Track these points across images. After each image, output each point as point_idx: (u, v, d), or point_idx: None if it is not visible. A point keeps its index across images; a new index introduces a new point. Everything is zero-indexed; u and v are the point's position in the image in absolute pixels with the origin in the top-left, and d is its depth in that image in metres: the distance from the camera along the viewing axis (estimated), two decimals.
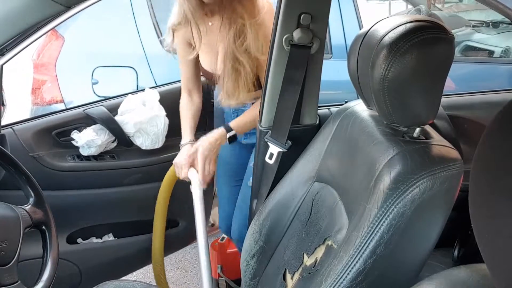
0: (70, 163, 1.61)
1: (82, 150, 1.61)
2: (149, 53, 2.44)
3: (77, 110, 1.65)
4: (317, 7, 1.20)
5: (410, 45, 0.83)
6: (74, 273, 1.65)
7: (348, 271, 0.85)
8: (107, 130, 1.63)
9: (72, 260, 1.64)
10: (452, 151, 0.89)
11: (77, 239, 1.68)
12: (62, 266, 1.23)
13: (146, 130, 1.65)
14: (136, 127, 1.63)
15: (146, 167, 1.71)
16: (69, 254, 1.63)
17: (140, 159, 1.70)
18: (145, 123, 1.64)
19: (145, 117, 1.64)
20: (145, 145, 1.67)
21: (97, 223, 1.70)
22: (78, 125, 1.62)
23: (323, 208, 1.10)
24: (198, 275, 2.33)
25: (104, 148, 1.65)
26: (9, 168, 1.14)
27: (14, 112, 1.65)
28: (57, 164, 1.58)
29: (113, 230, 1.73)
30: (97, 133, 1.61)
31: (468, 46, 2.96)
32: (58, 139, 1.61)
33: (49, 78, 2.36)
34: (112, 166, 1.66)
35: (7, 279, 0.98)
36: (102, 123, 1.62)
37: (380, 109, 0.92)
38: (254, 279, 1.24)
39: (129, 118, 1.63)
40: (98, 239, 1.71)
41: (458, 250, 1.42)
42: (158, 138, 1.67)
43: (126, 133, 1.65)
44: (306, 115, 1.32)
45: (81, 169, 1.62)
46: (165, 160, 1.72)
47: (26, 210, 1.09)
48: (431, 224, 0.86)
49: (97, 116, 1.62)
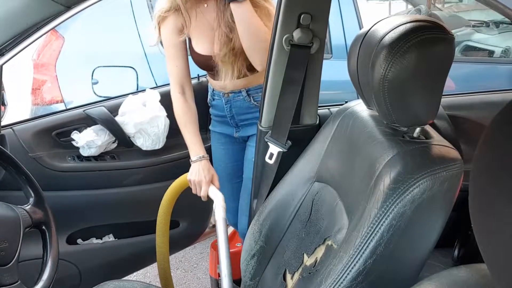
0: (70, 164, 1.61)
1: (82, 150, 1.61)
2: (149, 53, 2.44)
3: (77, 111, 1.65)
4: (317, 7, 1.20)
5: (410, 45, 0.83)
6: (74, 273, 1.65)
7: (348, 271, 0.85)
8: (108, 131, 1.63)
9: (72, 261, 1.64)
10: (452, 151, 0.89)
11: (77, 240, 1.68)
12: (61, 267, 1.23)
13: (147, 130, 1.65)
14: (136, 127, 1.63)
15: (146, 167, 1.71)
16: (69, 254, 1.63)
17: (141, 160, 1.70)
18: (146, 124, 1.63)
19: (145, 117, 1.63)
20: (146, 146, 1.67)
21: (97, 223, 1.69)
22: (78, 125, 1.62)
23: (323, 208, 1.10)
24: (198, 275, 2.33)
25: (104, 148, 1.65)
26: (9, 168, 1.14)
27: (14, 112, 1.65)
28: (57, 164, 1.58)
29: (113, 231, 1.73)
30: (97, 134, 1.61)
31: (468, 46, 2.96)
32: (58, 139, 1.61)
33: (49, 78, 2.36)
34: (112, 166, 1.66)
35: (7, 279, 0.98)
36: (102, 123, 1.62)
37: (380, 109, 0.92)
38: (254, 279, 1.24)
39: (129, 119, 1.63)
40: (98, 240, 1.71)
41: (458, 250, 1.42)
42: (158, 139, 1.67)
43: (126, 133, 1.65)
44: (306, 115, 1.32)
45: (81, 169, 1.62)
46: (165, 161, 1.72)
47: (26, 210, 1.09)
48: (431, 224, 0.86)
49: (98, 117, 1.62)
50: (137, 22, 2.47)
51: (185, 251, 2.47)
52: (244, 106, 1.57)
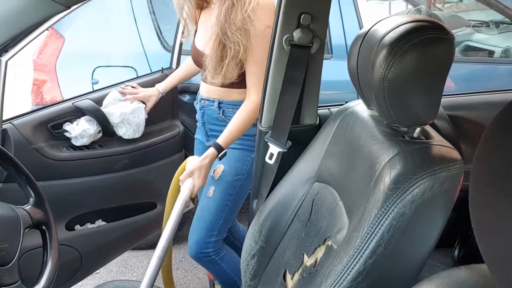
0: (65, 153, 1.71)
1: (75, 140, 1.72)
2: (149, 53, 2.44)
3: (66, 104, 1.76)
4: (317, 7, 1.20)
5: (410, 45, 0.83)
6: (75, 257, 1.75)
7: (348, 271, 0.85)
8: (95, 121, 1.75)
9: (73, 245, 1.74)
10: (452, 151, 0.89)
11: (74, 226, 1.78)
12: (63, 252, 1.29)
13: (129, 120, 1.81)
14: (121, 117, 1.78)
15: (130, 153, 1.87)
16: (69, 240, 1.72)
17: (124, 146, 1.86)
18: (129, 114, 1.80)
19: (129, 108, 1.80)
20: (128, 135, 1.82)
21: (91, 209, 1.81)
22: (69, 117, 1.73)
23: (323, 208, 1.10)
24: (198, 275, 2.33)
25: (93, 138, 1.76)
26: (9, 168, 1.14)
27: (14, 112, 1.66)
28: (56, 154, 1.68)
29: (106, 215, 1.85)
30: (88, 124, 1.73)
31: (468, 46, 2.96)
32: (53, 131, 1.70)
33: (49, 78, 2.36)
34: (102, 154, 1.79)
35: (7, 279, 0.98)
36: (91, 114, 1.75)
37: (380, 109, 0.92)
38: (254, 279, 1.24)
39: (114, 109, 1.78)
40: (92, 225, 1.82)
41: (458, 250, 1.43)
42: (138, 128, 1.84)
43: (111, 123, 1.78)
44: (306, 115, 1.32)
45: (77, 158, 1.74)
46: (145, 146, 1.92)
47: (26, 210, 1.09)
48: (431, 224, 0.86)
49: (86, 108, 1.74)
50: (137, 22, 2.47)
51: (185, 251, 2.47)
52: (213, 116, 1.62)
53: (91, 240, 1.80)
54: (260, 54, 1.43)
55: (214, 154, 1.48)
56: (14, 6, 0.93)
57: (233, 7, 1.41)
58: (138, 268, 2.37)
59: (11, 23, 0.95)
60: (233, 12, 1.41)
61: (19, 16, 0.95)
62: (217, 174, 1.59)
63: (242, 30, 1.41)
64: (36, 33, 1.42)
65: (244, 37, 1.42)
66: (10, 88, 1.68)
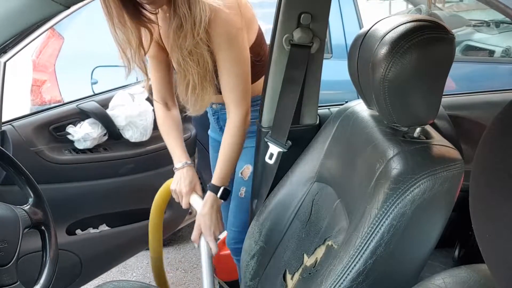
0: (67, 157, 1.67)
1: (78, 143, 1.68)
2: None
3: (70, 106, 1.71)
4: (317, 7, 1.20)
5: (411, 45, 0.83)
6: (75, 263, 1.71)
7: (348, 271, 0.85)
8: (100, 124, 1.70)
9: (73, 251, 1.70)
10: (452, 151, 0.89)
11: (75, 230, 1.74)
12: (63, 257, 1.26)
13: (136, 123, 1.75)
14: (127, 120, 1.72)
15: (137, 157, 1.81)
16: (70, 245, 1.69)
17: (130, 150, 1.79)
18: (136, 117, 1.74)
19: (135, 111, 1.74)
20: (134, 138, 1.77)
21: (93, 214, 1.76)
22: (72, 120, 1.69)
23: (323, 208, 1.10)
24: (198, 275, 2.33)
25: (97, 141, 1.72)
26: (9, 169, 1.14)
27: (14, 112, 1.66)
28: (56, 157, 1.64)
29: (108, 220, 1.80)
30: (92, 127, 1.69)
31: (469, 46, 2.96)
32: (55, 134, 1.66)
33: (48, 78, 2.36)
34: (106, 158, 1.74)
35: (6, 280, 0.98)
36: (96, 117, 1.70)
37: (380, 109, 0.92)
38: (254, 279, 1.24)
39: (120, 112, 1.72)
40: (95, 229, 1.78)
41: (458, 250, 1.42)
42: (146, 131, 1.77)
43: (117, 126, 1.73)
44: (306, 115, 1.32)
45: (79, 161, 1.69)
46: (153, 150, 1.83)
47: (25, 211, 1.09)
48: (432, 224, 0.86)
49: (91, 111, 1.70)
50: None
51: (185, 251, 2.48)
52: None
53: (92, 245, 1.75)
54: (232, 60, 1.26)
55: (212, 197, 1.35)
56: (13, 6, 0.93)
57: (180, 29, 1.17)
58: (137, 268, 2.37)
59: (10, 23, 0.95)
60: (181, 36, 1.18)
61: (18, 16, 0.95)
62: (246, 175, 1.54)
63: (196, 55, 1.20)
64: (35, 35, 1.41)
65: (200, 60, 1.22)
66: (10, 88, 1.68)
